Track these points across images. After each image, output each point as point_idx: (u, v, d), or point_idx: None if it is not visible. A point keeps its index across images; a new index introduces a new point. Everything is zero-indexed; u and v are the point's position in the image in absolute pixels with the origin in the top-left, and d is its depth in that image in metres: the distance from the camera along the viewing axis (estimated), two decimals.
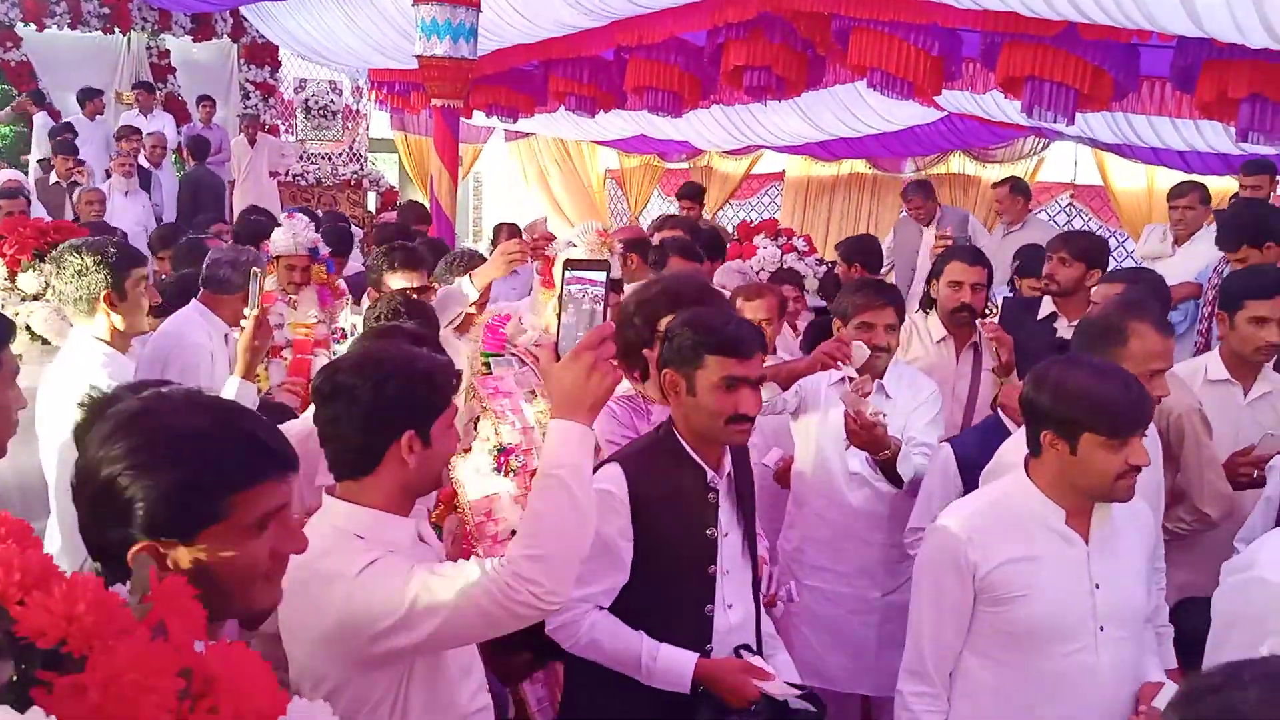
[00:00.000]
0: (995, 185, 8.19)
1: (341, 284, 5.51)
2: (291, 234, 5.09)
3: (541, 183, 15.44)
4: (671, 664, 2.42)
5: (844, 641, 3.63)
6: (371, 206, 13.36)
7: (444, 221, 8.20)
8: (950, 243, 4.44)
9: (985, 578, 2.35)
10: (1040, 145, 10.82)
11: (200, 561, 1.35)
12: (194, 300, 4.22)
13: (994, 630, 2.38)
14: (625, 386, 3.02)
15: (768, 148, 12.38)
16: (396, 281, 4.14)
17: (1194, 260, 5.68)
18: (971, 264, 4.26)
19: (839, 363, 3.43)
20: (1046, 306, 4.58)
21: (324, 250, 5.32)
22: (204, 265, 4.29)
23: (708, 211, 12.06)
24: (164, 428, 1.37)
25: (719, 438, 2.50)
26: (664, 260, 4.75)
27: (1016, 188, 7.75)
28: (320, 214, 8.69)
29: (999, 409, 3.37)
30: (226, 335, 4.14)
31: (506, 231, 8.39)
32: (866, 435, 3.26)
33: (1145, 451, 2.30)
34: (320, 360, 4.33)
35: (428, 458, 2.00)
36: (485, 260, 4.27)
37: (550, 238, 3.70)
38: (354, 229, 8.97)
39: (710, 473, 2.52)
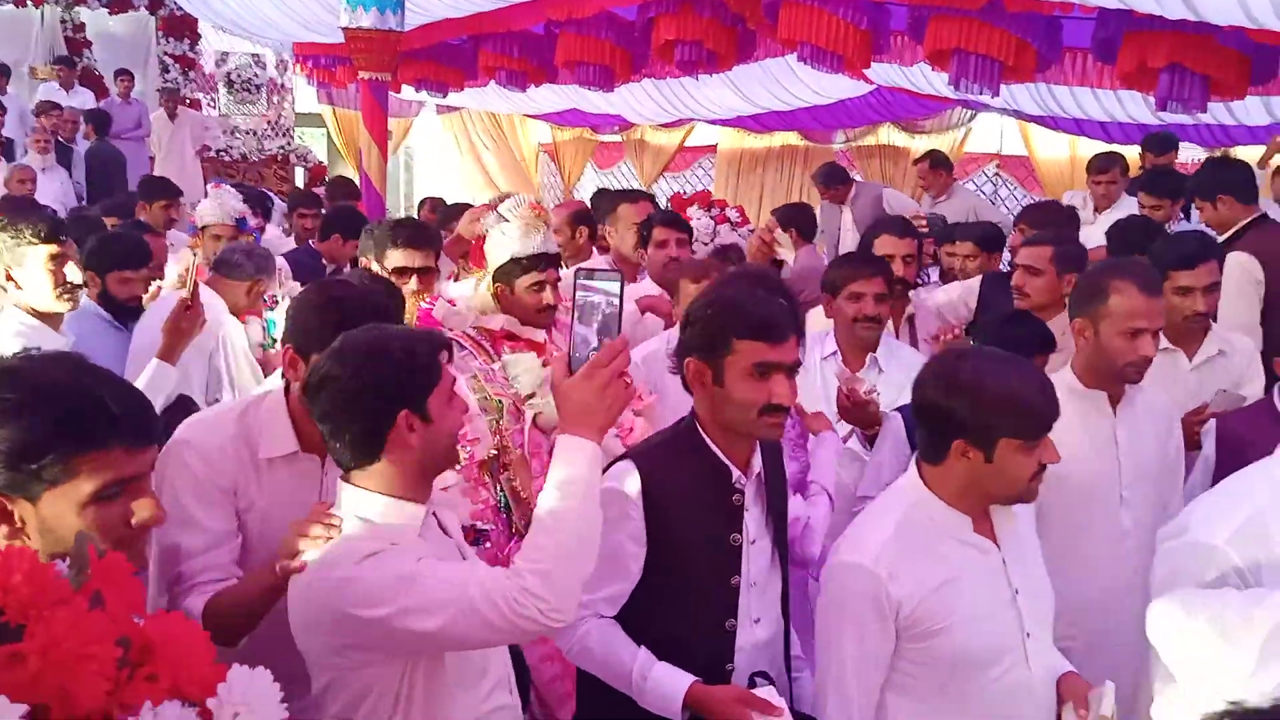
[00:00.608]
0: (916, 162, 8.31)
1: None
2: (218, 204, 5.02)
3: (474, 157, 15.30)
4: (662, 686, 2.19)
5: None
6: (300, 182, 13.13)
7: (374, 196, 8.11)
8: (924, 224, 4.30)
9: (910, 614, 2.11)
10: (967, 117, 11.01)
11: (45, 523, 1.38)
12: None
13: (918, 665, 2.15)
14: None
15: (700, 121, 12.41)
16: (397, 259, 3.77)
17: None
18: (901, 236, 4.25)
19: (776, 245, 3.37)
20: None
21: (252, 221, 5.24)
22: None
23: (642, 184, 12.06)
24: (20, 382, 1.40)
25: (751, 431, 2.26)
26: (650, 233, 4.63)
27: (936, 162, 7.86)
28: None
29: None
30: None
31: (429, 205, 8.31)
32: (859, 412, 3.18)
33: (1054, 447, 2.15)
34: (254, 327, 4.26)
35: (431, 434, 1.90)
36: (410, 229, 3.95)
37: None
38: (278, 200, 8.85)
39: (736, 472, 2.29)
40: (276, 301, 4.40)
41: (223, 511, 2.19)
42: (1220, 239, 4.38)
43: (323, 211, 6.65)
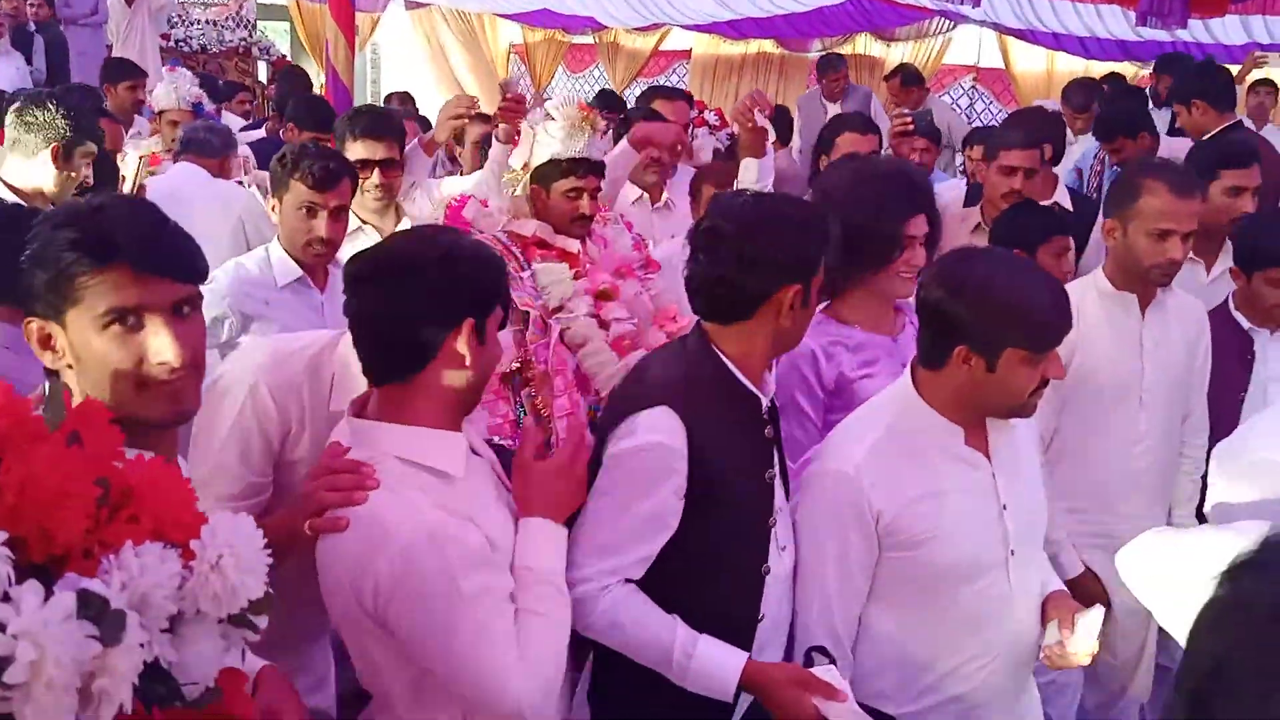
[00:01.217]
0: (886, 79, 8.14)
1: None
2: (174, 88, 4.87)
3: (442, 57, 14.93)
4: (709, 664, 1.94)
5: None
6: (262, 76, 12.77)
7: (341, 90, 7.88)
8: (910, 125, 4.23)
9: (890, 524, 2.06)
10: (947, 27, 10.86)
11: (74, 348, 1.44)
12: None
13: (898, 578, 2.10)
14: None
15: (675, 25, 12.17)
16: (357, 151, 3.58)
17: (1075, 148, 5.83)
18: (864, 133, 4.12)
19: (756, 111, 3.24)
20: None
21: (209, 106, 5.11)
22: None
23: (616, 87, 11.85)
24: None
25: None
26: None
27: (906, 79, 7.73)
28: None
29: None
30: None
31: (398, 99, 8.10)
32: None
33: (1060, 362, 2.08)
34: None
35: (482, 359, 1.76)
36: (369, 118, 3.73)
37: (523, 99, 3.35)
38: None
39: (765, 401, 2.09)
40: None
41: (263, 463, 1.99)
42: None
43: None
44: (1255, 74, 6.80)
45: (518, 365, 2.87)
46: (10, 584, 0.90)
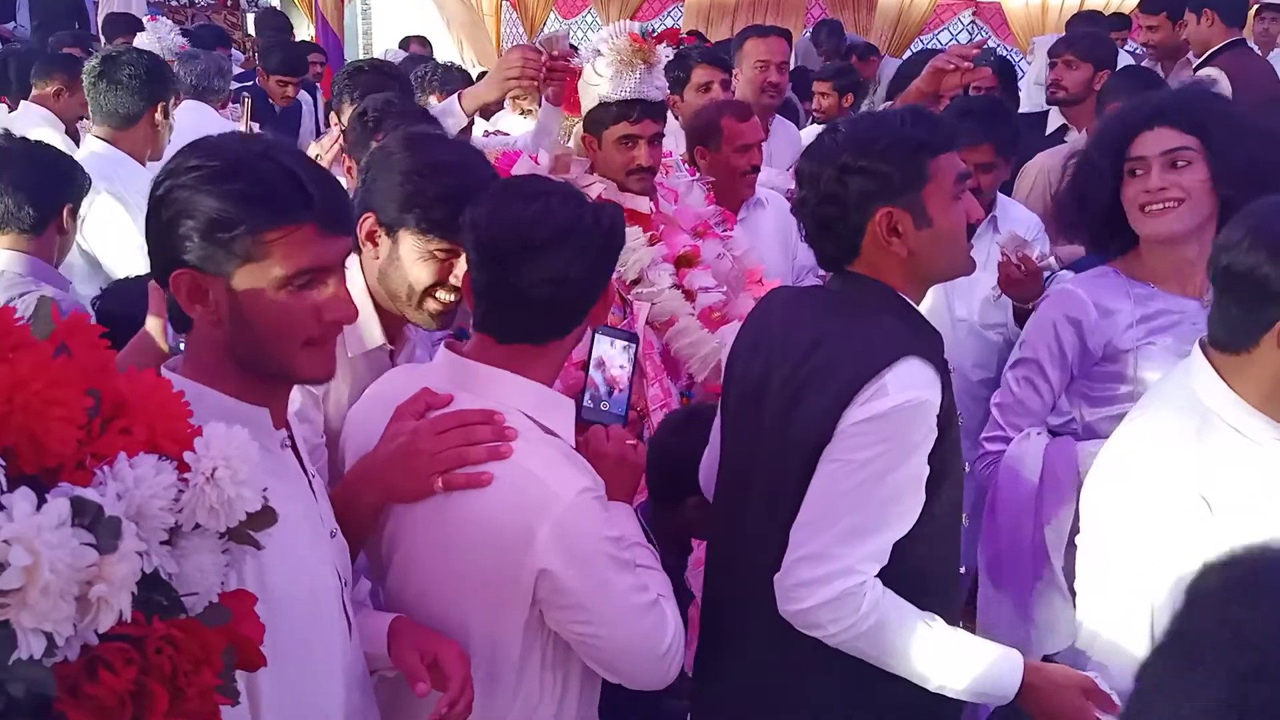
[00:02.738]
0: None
1: None
2: (156, 38, 4.80)
3: (433, 6, 14.69)
4: (992, 665, 1.68)
5: None
6: (251, 29, 12.59)
7: (332, 38, 7.84)
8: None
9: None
10: None
11: (236, 303, 1.33)
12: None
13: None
14: None
15: None
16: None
17: None
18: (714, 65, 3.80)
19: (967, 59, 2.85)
20: (1054, 120, 4.34)
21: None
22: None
23: None
24: (220, 151, 1.36)
25: (966, 266, 1.86)
26: (688, 66, 3.82)
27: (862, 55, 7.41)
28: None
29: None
30: None
31: (417, 44, 7.89)
32: (1030, 283, 2.70)
33: None
34: None
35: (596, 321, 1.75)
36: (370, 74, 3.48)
37: (569, 55, 3.06)
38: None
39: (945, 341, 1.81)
40: None
41: (319, 423, 1.90)
42: (1196, 61, 4.39)
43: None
44: None
45: None
46: (2, 491, 0.89)
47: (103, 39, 6.21)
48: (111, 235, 3.30)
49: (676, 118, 3.69)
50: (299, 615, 1.36)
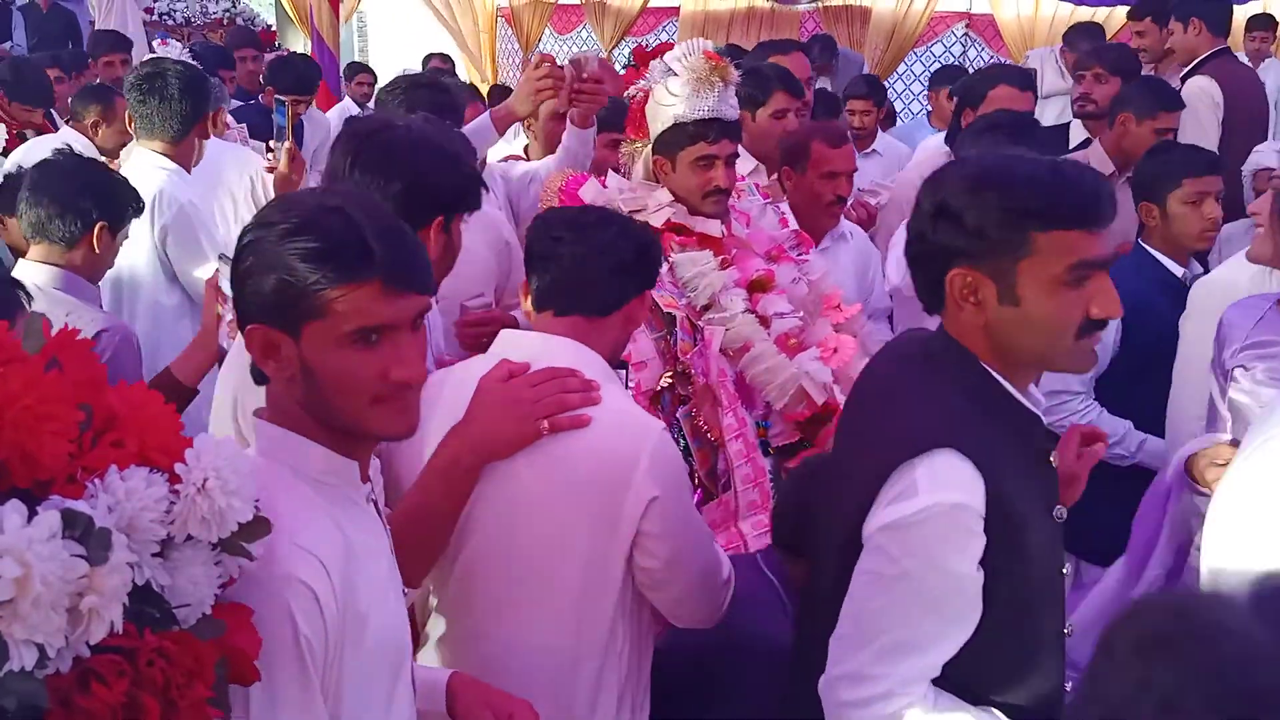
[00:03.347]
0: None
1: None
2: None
3: (430, 23, 14.77)
4: None
5: None
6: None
7: (328, 56, 7.86)
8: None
9: None
10: None
11: (304, 360, 1.31)
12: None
13: None
14: None
15: None
16: None
17: None
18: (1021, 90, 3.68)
19: None
20: (1078, 133, 4.26)
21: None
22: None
23: (604, 48, 11.74)
24: (295, 204, 1.38)
25: (1064, 364, 1.60)
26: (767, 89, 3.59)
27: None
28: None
29: None
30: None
31: (438, 60, 7.81)
32: None
33: None
34: None
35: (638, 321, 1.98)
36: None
37: (602, 79, 2.91)
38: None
39: (1041, 417, 1.61)
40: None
41: None
42: (1183, 71, 4.44)
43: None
44: (1253, 8, 6.73)
45: (669, 380, 2.45)
46: None
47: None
48: (192, 248, 3.36)
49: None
50: (387, 670, 1.38)
